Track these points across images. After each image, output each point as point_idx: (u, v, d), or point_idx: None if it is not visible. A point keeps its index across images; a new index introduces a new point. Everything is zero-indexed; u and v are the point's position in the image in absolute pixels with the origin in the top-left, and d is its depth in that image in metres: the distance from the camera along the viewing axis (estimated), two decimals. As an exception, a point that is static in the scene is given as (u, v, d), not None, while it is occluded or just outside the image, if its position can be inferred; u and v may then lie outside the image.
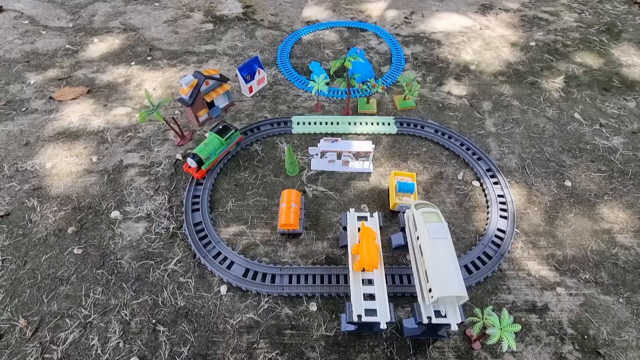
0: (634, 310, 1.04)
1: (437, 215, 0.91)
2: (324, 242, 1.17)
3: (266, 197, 1.27)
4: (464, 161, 1.38)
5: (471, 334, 0.97)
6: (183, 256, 1.12)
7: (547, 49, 1.90)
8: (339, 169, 1.34)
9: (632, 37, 1.99)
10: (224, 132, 1.29)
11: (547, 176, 1.35)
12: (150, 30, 1.99)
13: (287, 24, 2.06)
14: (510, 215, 1.21)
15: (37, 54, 1.84)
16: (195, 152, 1.22)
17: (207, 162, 1.24)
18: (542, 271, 1.11)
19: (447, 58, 1.84)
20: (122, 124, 1.50)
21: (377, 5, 2.23)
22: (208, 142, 1.26)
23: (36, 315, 1.01)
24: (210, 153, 1.25)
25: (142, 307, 1.03)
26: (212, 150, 1.25)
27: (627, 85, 1.71)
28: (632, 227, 1.21)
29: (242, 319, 1.00)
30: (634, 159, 1.41)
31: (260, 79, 1.62)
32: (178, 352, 0.95)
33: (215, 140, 1.26)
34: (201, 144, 1.25)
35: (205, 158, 1.23)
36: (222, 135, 1.28)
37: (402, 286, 1.05)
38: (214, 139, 1.26)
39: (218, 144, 1.27)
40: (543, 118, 1.55)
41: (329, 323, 1.00)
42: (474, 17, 2.14)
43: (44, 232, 1.18)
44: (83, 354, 0.95)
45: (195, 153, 1.22)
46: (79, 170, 1.34)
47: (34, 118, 1.52)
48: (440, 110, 1.57)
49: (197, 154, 1.22)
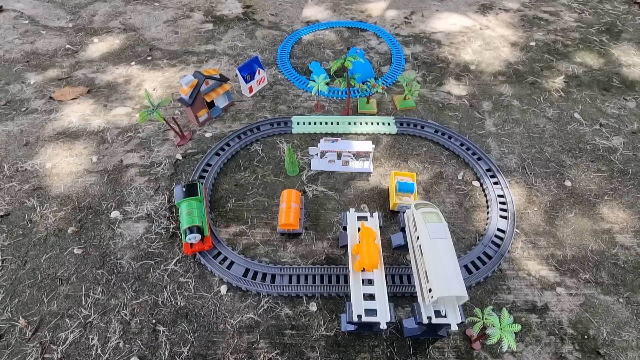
0: (634, 310, 1.04)
1: (437, 215, 0.91)
2: (324, 242, 1.17)
3: (266, 197, 1.27)
4: (464, 161, 1.38)
5: (471, 334, 0.97)
6: (183, 256, 1.12)
7: (547, 49, 1.90)
8: (339, 169, 1.34)
9: (632, 37, 1.99)
10: (192, 191, 1.13)
11: (547, 176, 1.35)
12: (150, 30, 1.99)
13: (287, 24, 2.06)
14: (510, 215, 1.21)
15: (37, 54, 1.84)
16: (190, 226, 1.05)
17: (204, 228, 1.09)
18: (542, 271, 1.11)
19: (447, 58, 1.84)
20: (122, 124, 1.50)
21: (377, 5, 2.23)
22: (188, 210, 1.08)
23: (36, 315, 1.01)
24: (200, 217, 1.09)
25: (142, 307, 1.03)
26: (199, 213, 1.09)
27: (627, 85, 1.71)
28: (632, 227, 1.21)
29: (242, 319, 1.00)
30: (634, 159, 1.41)
31: (260, 79, 1.62)
32: (178, 352, 0.95)
33: (193, 203, 1.10)
34: (184, 218, 1.07)
35: (201, 224, 1.07)
36: (193, 194, 1.12)
37: (402, 286, 1.05)
38: (190, 203, 1.10)
39: (198, 204, 1.11)
40: (543, 118, 1.55)
41: (329, 323, 1.00)
42: (474, 17, 2.14)
43: (44, 232, 1.18)
44: (83, 354, 0.95)
45: (191, 226, 1.05)
46: (79, 170, 1.34)
47: (34, 118, 1.52)
48: (440, 110, 1.57)
49: (194, 225, 1.05)
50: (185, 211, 1.09)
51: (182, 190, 1.13)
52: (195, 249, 1.08)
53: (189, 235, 1.04)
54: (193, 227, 1.05)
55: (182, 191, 1.12)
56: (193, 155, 1.38)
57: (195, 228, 1.05)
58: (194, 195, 1.12)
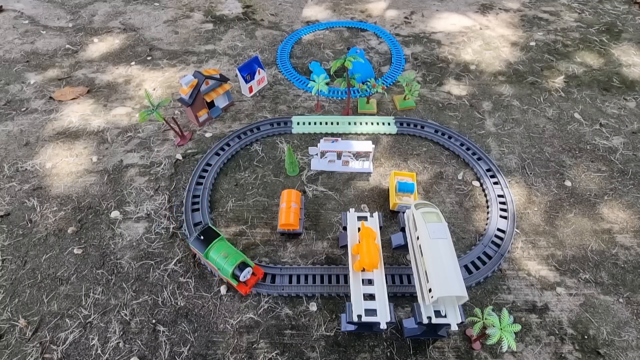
0: (634, 310, 1.04)
1: (437, 215, 0.91)
2: (324, 242, 1.16)
3: (266, 197, 1.27)
4: (464, 161, 1.38)
5: (471, 334, 0.97)
6: (183, 256, 1.12)
7: (547, 49, 1.90)
8: (339, 169, 1.34)
9: (632, 37, 1.99)
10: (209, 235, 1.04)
11: (547, 176, 1.35)
12: (150, 30, 1.99)
13: (287, 24, 2.06)
14: (510, 215, 1.21)
15: (37, 54, 1.84)
16: (240, 264, 0.99)
17: (246, 260, 1.04)
18: (542, 271, 1.11)
19: (447, 58, 1.84)
20: (122, 124, 1.50)
21: (377, 5, 2.23)
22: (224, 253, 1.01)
23: (36, 315, 1.01)
24: (236, 252, 1.04)
25: (142, 307, 1.03)
26: (232, 250, 1.04)
27: (627, 85, 1.71)
28: (632, 227, 1.21)
29: (242, 319, 1.00)
30: (634, 159, 1.41)
31: (260, 79, 1.62)
32: (178, 352, 0.95)
33: (221, 244, 1.03)
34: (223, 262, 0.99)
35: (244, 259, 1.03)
36: (211, 237, 1.04)
37: (402, 286, 1.05)
38: (220, 245, 1.03)
39: (224, 243, 1.05)
40: (543, 118, 1.55)
41: (329, 323, 1.00)
42: (474, 17, 2.14)
43: (44, 232, 1.18)
44: (83, 354, 0.95)
45: (241, 264, 0.99)
46: (79, 170, 1.34)
47: (34, 118, 1.52)
48: (440, 110, 1.57)
49: (242, 263, 1.00)
50: (219, 256, 1.00)
51: (200, 240, 1.02)
52: (251, 285, 1.02)
53: (243, 273, 0.98)
54: (243, 263, 0.99)
55: (200, 240, 1.02)
56: (193, 155, 1.39)
57: (242, 265, 0.99)
58: (213, 237, 1.03)
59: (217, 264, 1.00)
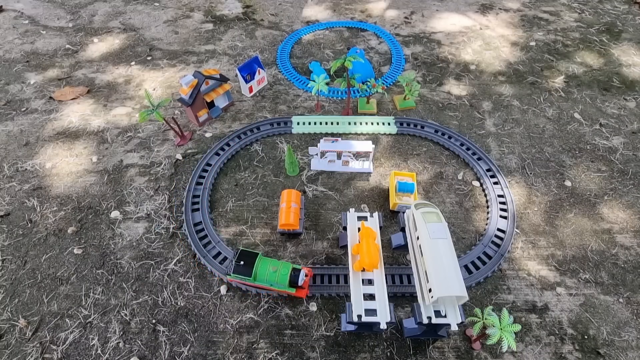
0: (634, 310, 1.04)
1: (437, 215, 0.91)
2: (324, 242, 1.16)
3: (266, 197, 1.27)
4: (464, 161, 1.38)
5: (471, 334, 0.97)
6: (183, 256, 1.12)
7: (547, 49, 1.90)
8: (339, 169, 1.34)
9: (632, 37, 1.99)
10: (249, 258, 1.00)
11: (547, 176, 1.35)
12: (150, 30, 1.99)
13: (287, 24, 2.06)
14: (510, 215, 1.21)
15: (37, 54, 1.84)
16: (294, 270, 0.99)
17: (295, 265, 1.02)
18: (542, 271, 1.11)
19: (447, 58, 1.84)
20: (122, 124, 1.50)
21: (377, 5, 2.23)
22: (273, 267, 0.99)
23: (36, 315, 1.01)
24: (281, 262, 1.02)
25: (142, 307, 1.03)
26: (276, 262, 1.01)
27: (627, 85, 1.71)
28: (632, 227, 1.21)
29: (242, 319, 1.00)
30: (634, 159, 1.41)
31: (260, 79, 1.62)
32: (178, 352, 0.95)
33: (265, 261, 1.01)
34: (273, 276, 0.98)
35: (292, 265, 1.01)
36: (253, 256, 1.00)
37: (402, 286, 1.05)
38: (264, 263, 1.00)
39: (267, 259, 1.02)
40: (543, 118, 1.55)
41: (329, 323, 1.00)
42: (474, 17, 2.14)
43: (44, 232, 1.18)
44: (83, 354, 0.95)
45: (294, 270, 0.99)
46: (79, 170, 1.34)
47: (34, 118, 1.52)
48: (440, 110, 1.57)
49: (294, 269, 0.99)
50: (268, 273, 0.98)
51: (241, 265, 0.98)
52: (306, 285, 1.02)
53: (300, 277, 0.97)
54: (295, 270, 0.99)
55: (241, 265, 0.98)
56: (193, 155, 1.39)
57: (294, 271, 0.98)
58: (252, 258, 0.99)
59: (269, 282, 0.98)
